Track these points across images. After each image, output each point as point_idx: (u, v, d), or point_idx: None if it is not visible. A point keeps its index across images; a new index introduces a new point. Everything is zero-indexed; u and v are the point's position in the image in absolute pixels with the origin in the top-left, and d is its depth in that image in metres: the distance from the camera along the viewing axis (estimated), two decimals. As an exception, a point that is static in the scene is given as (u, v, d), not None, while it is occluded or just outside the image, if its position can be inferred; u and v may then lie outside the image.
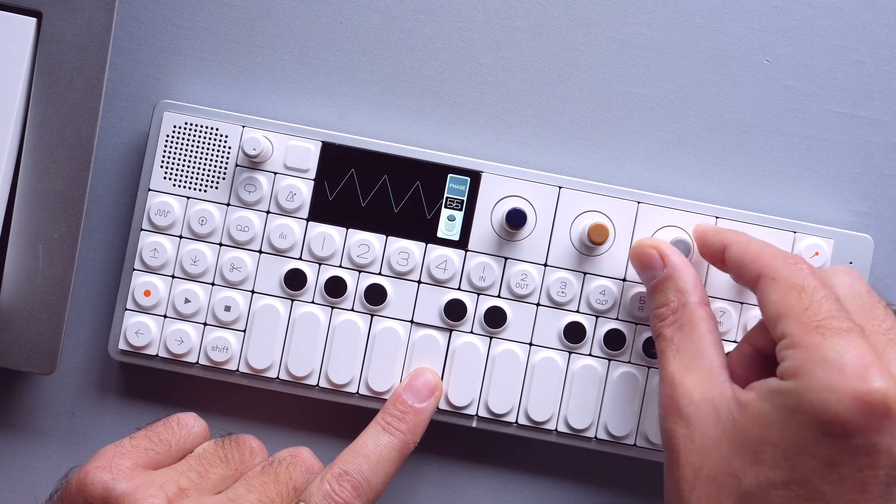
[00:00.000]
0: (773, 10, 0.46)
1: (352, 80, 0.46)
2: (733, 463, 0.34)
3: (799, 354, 0.34)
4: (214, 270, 0.44)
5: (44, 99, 0.42)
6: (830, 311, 0.34)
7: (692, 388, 0.37)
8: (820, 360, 0.33)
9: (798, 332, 0.34)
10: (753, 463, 0.34)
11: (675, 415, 0.37)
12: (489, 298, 0.44)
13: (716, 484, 0.35)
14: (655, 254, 0.41)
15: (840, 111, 0.46)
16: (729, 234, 0.41)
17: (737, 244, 0.39)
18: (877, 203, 0.46)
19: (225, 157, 0.44)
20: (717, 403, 0.36)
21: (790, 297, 0.35)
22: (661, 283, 0.40)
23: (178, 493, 0.37)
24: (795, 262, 0.37)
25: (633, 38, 0.46)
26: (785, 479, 0.33)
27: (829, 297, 0.35)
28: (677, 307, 0.39)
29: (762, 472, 0.33)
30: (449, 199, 0.44)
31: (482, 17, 0.46)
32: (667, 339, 0.39)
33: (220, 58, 0.46)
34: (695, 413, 0.36)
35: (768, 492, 0.33)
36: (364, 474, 0.39)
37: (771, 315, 0.36)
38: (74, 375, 0.46)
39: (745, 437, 0.34)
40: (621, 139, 0.46)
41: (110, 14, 0.42)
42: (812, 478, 0.33)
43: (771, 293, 0.36)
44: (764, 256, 0.38)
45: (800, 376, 0.33)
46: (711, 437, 0.35)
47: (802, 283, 0.35)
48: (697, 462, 0.35)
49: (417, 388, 0.42)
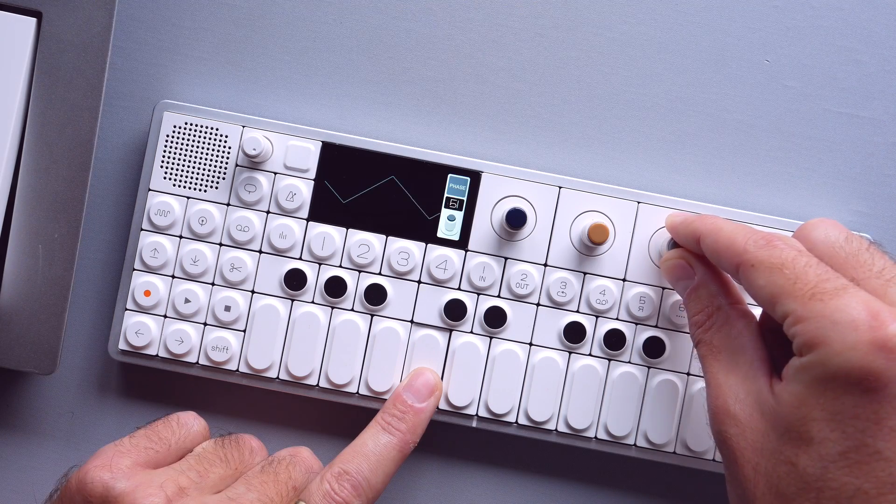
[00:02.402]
0: (773, 10, 0.46)
1: (352, 80, 0.46)
2: (784, 451, 0.34)
3: (808, 326, 0.33)
4: (214, 270, 0.44)
5: (44, 99, 0.42)
6: (819, 275, 0.34)
7: (736, 386, 0.37)
8: (830, 324, 0.33)
9: (798, 307, 0.34)
10: (802, 444, 0.33)
11: (723, 415, 0.37)
12: (489, 298, 0.44)
13: (775, 476, 0.34)
14: (684, 263, 0.41)
15: (840, 111, 0.46)
16: (698, 224, 0.40)
17: (707, 235, 0.39)
18: (877, 203, 0.46)
19: (225, 157, 0.44)
20: (759, 397, 0.36)
21: (776, 276, 0.35)
22: (693, 292, 0.40)
23: (178, 492, 0.37)
24: (768, 242, 0.36)
25: (633, 38, 0.46)
26: (840, 450, 0.33)
27: (811, 262, 0.35)
28: (712, 311, 0.39)
29: (814, 451, 0.33)
30: (449, 199, 0.44)
31: (482, 17, 0.46)
32: (706, 344, 0.39)
33: (220, 58, 0.46)
34: (742, 411, 0.36)
35: (827, 468, 0.33)
36: (364, 474, 0.39)
37: (765, 300, 0.36)
38: (74, 375, 0.46)
39: (787, 422, 0.34)
40: (621, 139, 0.46)
41: (110, 14, 0.42)
42: (864, 439, 0.32)
43: (756, 279, 0.36)
44: (736, 244, 0.37)
45: (817, 346, 0.33)
46: (760, 431, 0.35)
47: (782, 259, 0.35)
48: (754, 458, 0.35)
49: (417, 388, 0.42)
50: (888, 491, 0.32)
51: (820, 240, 0.37)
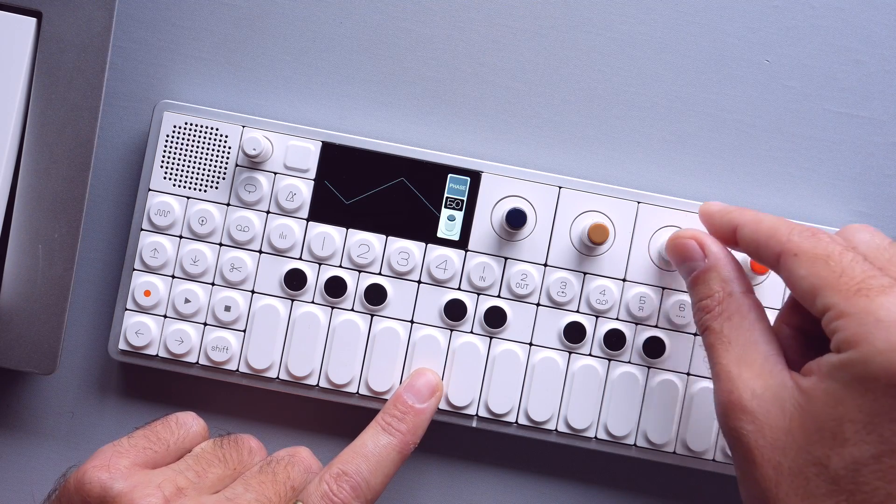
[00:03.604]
0: (773, 10, 0.46)
1: (352, 80, 0.46)
2: (814, 451, 0.33)
3: (851, 322, 0.32)
4: (214, 270, 0.44)
5: (44, 99, 0.42)
6: (865, 272, 0.33)
7: (751, 380, 0.35)
8: (874, 322, 0.32)
9: (841, 301, 0.33)
10: (836, 445, 0.32)
11: (738, 411, 0.35)
12: (489, 298, 0.44)
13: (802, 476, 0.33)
14: (695, 244, 0.40)
15: (840, 111, 0.46)
16: (737, 214, 0.39)
17: (747, 225, 0.38)
18: (877, 203, 0.46)
19: (225, 157, 0.44)
20: (779, 393, 0.34)
21: (819, 268, 0.34)
22: (703, 275, 0.39)
23: (176, 492, 0.37)
24: (813, 234, 0.35)
25: (632, 38, 0.46)
26: (875, 453, 0.32)
27: (857, 258, 0.34)
28: (723, 297, 0.38)
29: (848, 452, 0.32)
30: (449, 199, 0.44)
31: (482, 17, 0.46)
32: (716, 332, 0.37)
33: (220, 58, 0.46)
34: (759, 406, 0.34)
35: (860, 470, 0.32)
36: (363, 475, 0.39)
37: (805, 290, 0.34)
38: (74, 375, 0.46)
39: (819, 421, 0.33)
40: (621, 139, 0.46)
41: (110, 14, 0.42)
42: None
43: (798, 269, 0.35)
44: (779, 233, 0.36)
45: (859, 344, 0.32)
46: (782, 428, 0.34)
47: (827, 252, 0.34)
48: (776, 457, 0.34)
49: (418, 389, 0.42)
50: None
51: (864, 241, 0.36)
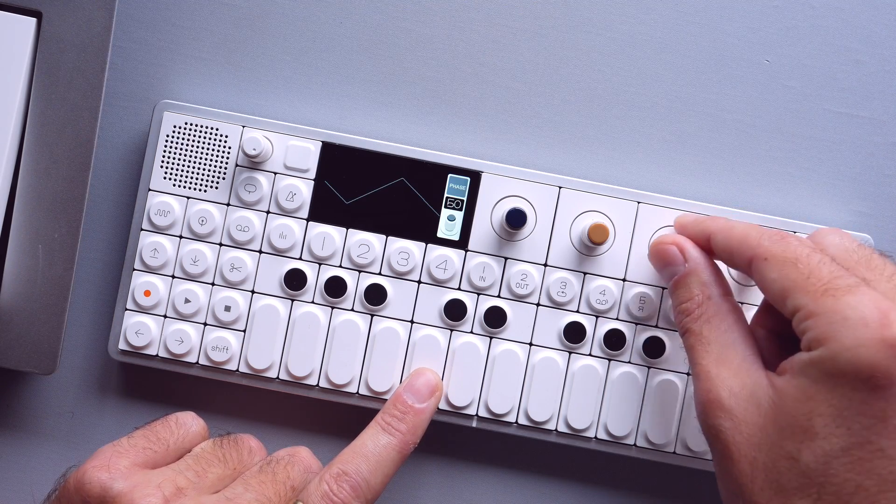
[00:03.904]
0: (773, 10, 0.46)
1: (352, 80, 0.46)
2: (786, 445, 0.34)
3: (819, 321, 0.34)
4: (214, 270, 0.44)
5: (44, 99, 0.42)
6: (832, 272, 0.34)
7: (729, 379, 0.37)
8: (841, 320, 0.33)
9: (810, 301, 0.34)
10: (806, 439, 0.33)
11: (716, 408, 0.36)
12: (489, 298, 0.44)
13: (775, 470, 0.34)
14: (675, 249, 0.41)
15: (840, 111, 0.46)
16: (710, 223, 0.41)
17: (719, 232, 0.39)
18: (877, 203, 0.46)
19: (225, 157, 0.44)
20: (755, 392, 0.36)
21: (788, 270, 0.35)
22: (683, 279, 0.40)
23: (176, 492, 0.37)
24: (782, 237, 0.37)
25: (632, 38, 0.46)
26: (843, 446, 0.33)
27: (824, 259, 0.35)
28: (702, 300, 0.39)
29: (818, 446, 0.33)
30: (449, 199, 0.44)
31: (482, 17, 0.46)
32: (695, 334, 0.39)
33: (220, 58, 0.46)
34: (736, 404, 0.36)
35: (830, 463, 0.33)
36: (363, 475, 0.39)
37: (776, 293, 0.36)
38: (74, 375, 0.46)
39: (791, 416, 0.34)
40: (621, 139, 0.46)
41: (110, 14, 0.42)
42: (869, 436, 0.32)
43: (768, 273, 0.36)
44: (749, 239, 0.38)
45: (827, 341, 0.33)
46: (757, 425, 0.35)
47: (795, 255, 0.36)
48: (751, 453, 0.35)
49: (418, 389, 0.42)
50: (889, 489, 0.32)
51: (833, 243, 0.38)
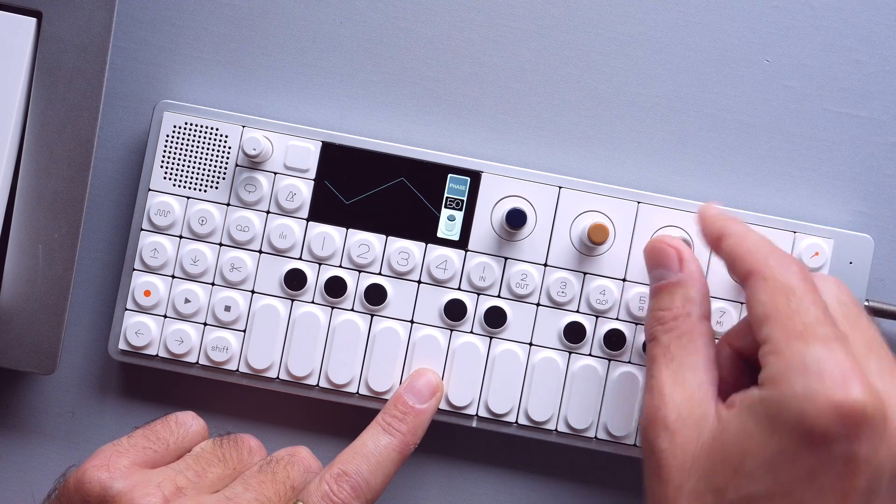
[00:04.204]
0: (773, 10, 0.46)
1: (352, 80, 0.46)
2: (715, 479, 0.34)
3: (780, 361, 0.33)
4: (214, 270, 0.44)
5: (44, 99, 0.42)
6: (817, 317, 0.34)
7: (680, 402, 0.36)
8: (800, 367, 0.32)
9: (781, 338, 0.33)
10: (735, 476, 0.33)
11: (660, 427, 0.36)
12: (489, 298, 0.44)
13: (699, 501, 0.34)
14: (674, 254, 0.39)
15: (840, 111, 0.46)
16: (729, 224, 0.39)
17: (734, 236, 0.38)
18: (877, 203, 0.46)
19: (225, 157, 0.44)
20: (700, 422, 0.35)
21: (779, 299, 0.34)
22: (670, 286, 0.39)
23: (176, 491, 0.37)
24: (789, 263, 0.36)
25: (633, 37, 0.46)
26: (768, 491, 0.32)
27: (817, 302, 0.34)
28: (680, 314, 0.38)
29: (744, 485, 0.33)
30: (449, 199, 0.44)
31: (482, 17, 0.46)
32: (662, 346, 0.38)
33: (220, 58, 0.46)
34: (680, 429, 0.35)
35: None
36: (363, 475, 0.39)
37: (757, 316, 0.35)
38: (74, 375, 0.46)
39: (725, 452, 0.34)
40: (621, 139, 0.46)
41: (110, 14, 0.42)
42: (794, 489, 0.32)
43: (760, 293, 0.35)
44: (759, 253, 0.36)
45: (779, 384, 0.33)
46: (691, 452, 0.35)
47: (793, 286, 0.35)
48: (679, 479, 0.35)
49: (419, 389, 0.42)
50: None
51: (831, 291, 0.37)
